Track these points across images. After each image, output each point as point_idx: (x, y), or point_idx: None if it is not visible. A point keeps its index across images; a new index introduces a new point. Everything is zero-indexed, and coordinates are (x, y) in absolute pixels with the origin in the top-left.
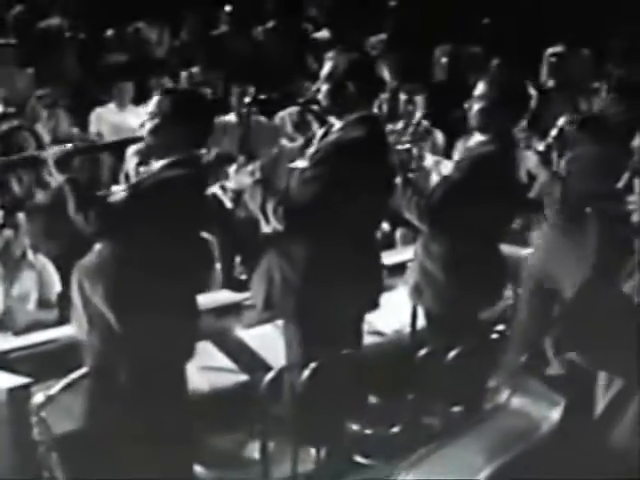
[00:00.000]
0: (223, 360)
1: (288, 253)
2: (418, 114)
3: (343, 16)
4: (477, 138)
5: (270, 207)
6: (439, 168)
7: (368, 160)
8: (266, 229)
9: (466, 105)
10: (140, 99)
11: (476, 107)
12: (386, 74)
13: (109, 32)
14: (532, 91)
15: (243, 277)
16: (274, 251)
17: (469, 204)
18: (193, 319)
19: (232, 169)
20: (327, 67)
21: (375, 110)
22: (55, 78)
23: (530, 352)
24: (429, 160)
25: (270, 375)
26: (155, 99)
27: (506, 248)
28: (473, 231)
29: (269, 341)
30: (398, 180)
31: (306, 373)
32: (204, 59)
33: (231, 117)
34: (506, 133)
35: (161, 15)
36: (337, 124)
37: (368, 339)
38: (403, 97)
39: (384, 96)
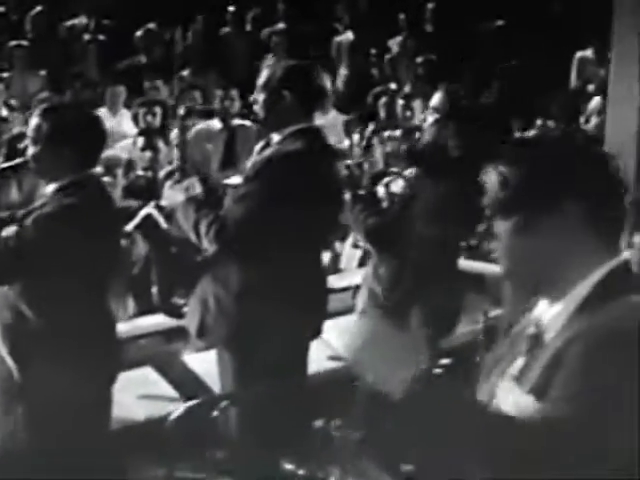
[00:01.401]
0: (165, 387)
1: (222, 277)
2: (416, 119)
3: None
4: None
5: (203, 227)
6: None
7: (306, 175)
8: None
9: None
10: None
11: (430, 119)
12: (327, 82)
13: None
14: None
15: (181, 301)
16: (209, 274)
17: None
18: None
19: (166, 185)
20: (263, 76)
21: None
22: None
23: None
24: None
25: (178, 411)
26: (34, 120)
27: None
28: (425, 254)
29: None
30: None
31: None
32: (197, 61)
33: (215, 122)
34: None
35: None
36: (275, 137)
37: (329, 365)
38: (401, 102)
39: (383, 100)
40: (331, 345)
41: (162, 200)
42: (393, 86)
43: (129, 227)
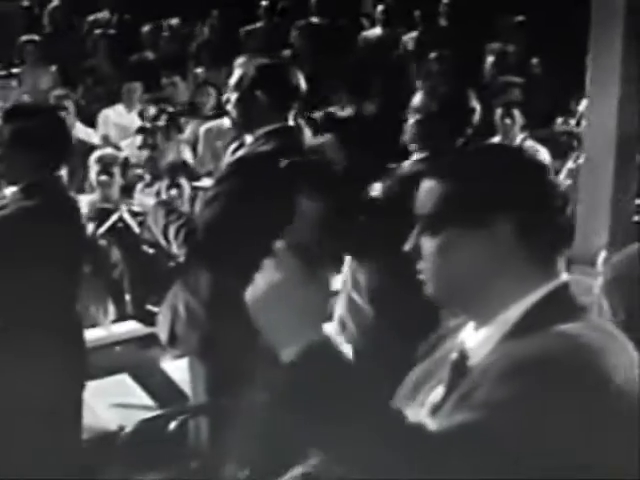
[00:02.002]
0: (140, 395)
1: (192, 283)
2: None
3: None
4: (413, 157)
5: (172, 232)
6: None
7: (278, 177)
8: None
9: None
10: None
11: (411, 121)
12: (302, 81)
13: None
14: (475, 103)
15: (154, 308)
16: (179, 280)
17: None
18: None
19: (137, 188)
20: (235, 75)
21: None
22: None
23: None
24: None
25: (132, 425)
26: None
27: None
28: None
29: None
30: None
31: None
32: (210, 57)
33: (226, 120)
34: (446, 150)
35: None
36: (248, 138)
37: None
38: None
39: None
40: None
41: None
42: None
43: (100, 231)
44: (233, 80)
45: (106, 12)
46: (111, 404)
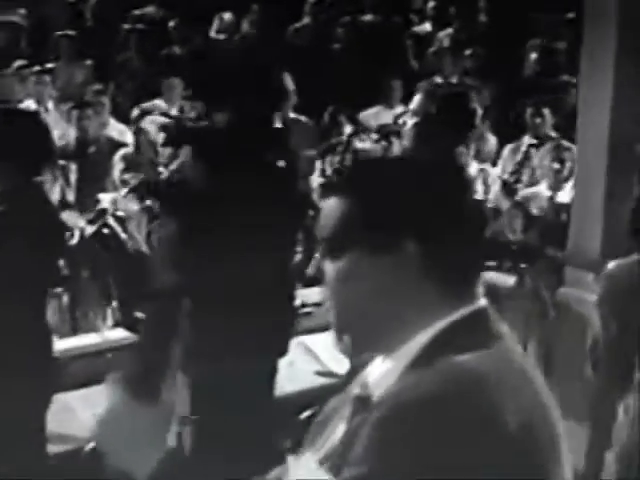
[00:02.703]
0: None
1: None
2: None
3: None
4: None
5: (156, 240)
6: (484, 176)
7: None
8: None
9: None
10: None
11: (410, 123)
12: (289, 83)
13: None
14: (475, 106)
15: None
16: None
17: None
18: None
19: (120, 193)
20: None
21: None
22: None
23: None
24: (473, 168)
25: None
26: None
27: None
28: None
29: None
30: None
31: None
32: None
33: None
34: (445, 153)
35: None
36: None
37: (319, 380)
38: None
39: None
40: (320, 360)
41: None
42: (438, 80)
43: (87, 235)
44: None
45: (152, 7)
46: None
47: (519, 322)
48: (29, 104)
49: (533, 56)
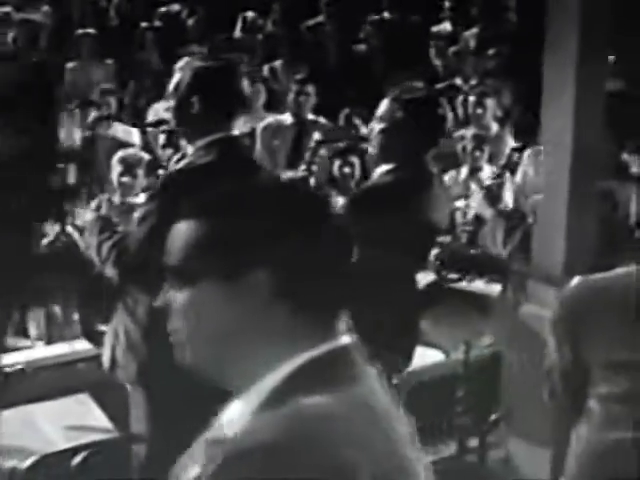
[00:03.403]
0: (98, 417)
1: (131, 306)
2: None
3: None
4: (381, 168)
5: (105, 250)
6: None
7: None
8: None
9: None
10: None
11: (377, 129)
12: (245, 85)
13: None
14: (445, 111)
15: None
16: (120, 302)
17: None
18: None
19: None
20: (174, 79)
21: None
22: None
23: None
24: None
25: (29, 461)
26: None
27: None
28: (369, 280)
29: None
30: None
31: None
32: (287, 53)
33: (286, 117)
34: (414, 161)
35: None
36: (189, 149)
37: None
38: (472, 99)
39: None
40: None
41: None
42: (458, 82)
43: (44, 243)
44: (170, 85)
45: (175, 4)
46: (64, 426)
47: (504, 332)
48: None
49: None
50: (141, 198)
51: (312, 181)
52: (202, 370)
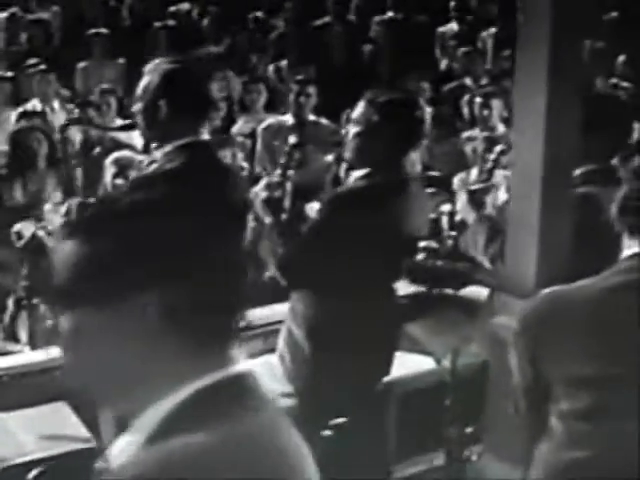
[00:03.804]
0: (76, 425)
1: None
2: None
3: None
4: (355, 173)
5: None
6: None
7: (181, 197)
8: None
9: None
10: None
11: (351, 132)
12: (213, 89)
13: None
14: (423, 114)
15: None
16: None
17: (334, 254)
18: None
19: (46, 206)
20: (142, 82)
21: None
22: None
23: None
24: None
25: None
26: None
27: None
28: (343, 288)
29: None
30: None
31: None
32: (295, 52)
33: (287, 118)
34: (390, 166)
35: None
36: (157, 154)
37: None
38: (478, 100)
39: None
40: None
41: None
42: (468, 82)
43: (18, 246)
44: (139, 88)
45: (186, 3)
46: (41, 435)
47: (486, 341)
48: (34, 103)
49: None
50: None
51: (288, 186)
52: (92, 396)
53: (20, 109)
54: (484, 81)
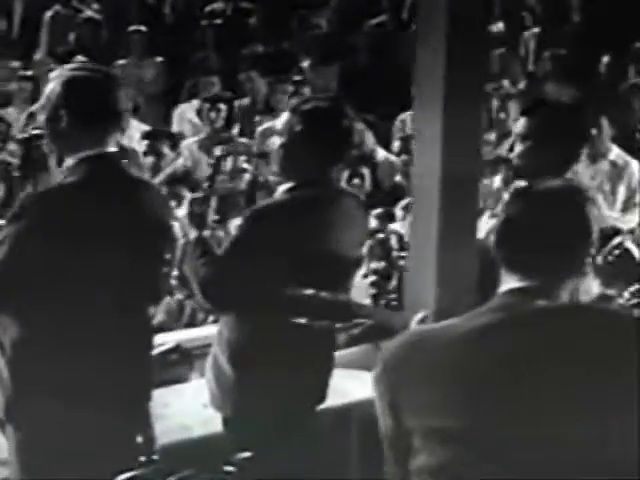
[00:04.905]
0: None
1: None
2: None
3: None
4: (281, 187)
5: None
6: None
7: (82, 212)
8: None
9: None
10: None
11: (276, 144)
12: (122, 99)
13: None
14: (353, 121)
15: None
16: None
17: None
18: None
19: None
20: (46, 90)
21: None
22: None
23: None
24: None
25: None
26: None
27: None
28: (266, 309)
29: (160, 408)
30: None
31: None
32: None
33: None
34: (317, 179)
35: None
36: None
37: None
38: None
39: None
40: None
41: None
42: (506, 84)
43: None
44: (42, 96)
45: (221, 2)
46: None
47: None
48: None
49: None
50: None
51: (214, 200)
52: None
53: (32, 108)
54: (522, 84)
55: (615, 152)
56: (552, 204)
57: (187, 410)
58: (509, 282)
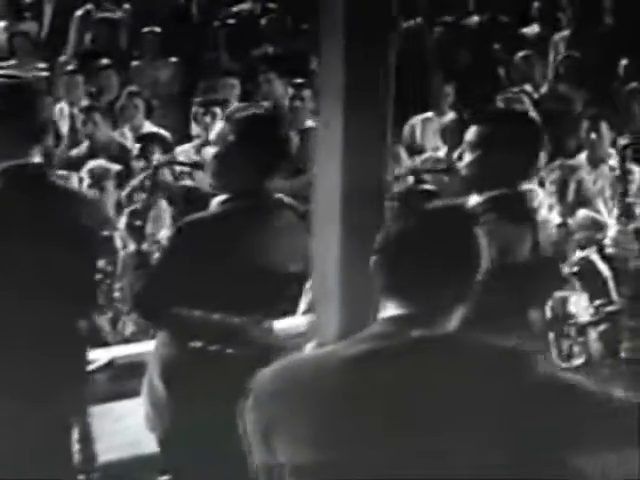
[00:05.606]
0: None
1: None
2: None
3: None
4: (216, 199)
5: None
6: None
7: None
8: None
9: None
10: None
11: (210, 154)
12: (46, 106)
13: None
14: (285, 131)
15: None
16: None
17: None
18: None
19: None
20: None
21: None
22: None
23: None
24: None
25: None
26: None
27: None
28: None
29: (109, 423)
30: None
31: None
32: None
33: None
34: (252, 190)
35: None
36: None
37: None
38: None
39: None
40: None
41: None
42: (528, 88)
43: None
44: None
45: (250, 2)
46: None
47: None
48: (62, 106)
49: None
50: None
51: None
52: None
53: None
54: (544, 88)
55: (615, 157)
56: (434, 227)
57: (138, 426)
58: (388, 308)
